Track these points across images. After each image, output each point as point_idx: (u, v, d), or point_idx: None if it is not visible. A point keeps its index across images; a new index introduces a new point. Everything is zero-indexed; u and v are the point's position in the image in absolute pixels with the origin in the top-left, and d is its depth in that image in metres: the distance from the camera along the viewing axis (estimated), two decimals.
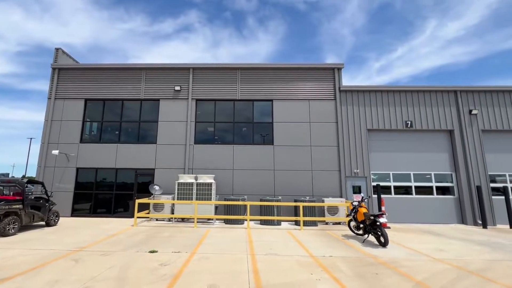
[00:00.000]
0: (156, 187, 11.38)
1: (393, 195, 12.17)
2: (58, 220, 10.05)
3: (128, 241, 7.54)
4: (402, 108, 12.67)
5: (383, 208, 10.85)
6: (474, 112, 12.40)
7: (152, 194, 11.36)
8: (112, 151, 12.61)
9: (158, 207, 11.07)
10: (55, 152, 11.97)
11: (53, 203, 9.92)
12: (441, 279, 4.98)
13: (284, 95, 12.99)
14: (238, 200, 10.81)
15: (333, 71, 13.10)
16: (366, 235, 8.18)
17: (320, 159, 12.26)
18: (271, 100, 13.00)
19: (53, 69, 13.44)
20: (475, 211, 11.62)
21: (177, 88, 12.99)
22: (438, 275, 5.20)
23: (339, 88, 12.83)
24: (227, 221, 10.82)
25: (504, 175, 12.32)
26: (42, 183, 9.87)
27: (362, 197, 9.08)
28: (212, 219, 11.03)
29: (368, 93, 12.83)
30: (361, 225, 8.33)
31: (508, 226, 11.05)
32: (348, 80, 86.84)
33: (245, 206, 10.81)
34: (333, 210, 10.95)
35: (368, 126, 12.53)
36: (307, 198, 11.18)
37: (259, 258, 6.14)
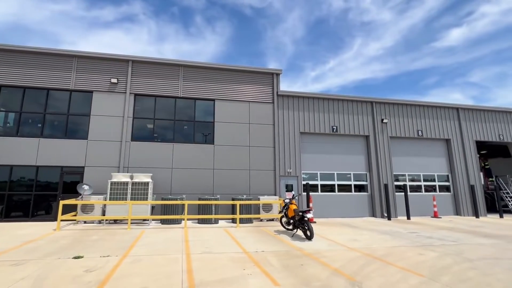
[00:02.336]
0: (85, 187, 10.57)
1: (320, 193, 13.60)
2: None
3: (48, 248, 6.82)
4: (330, 114, 14.21)
5: (311, 205, 12.07)
6: (385, 121, 14.67)
7: (81, 195, 10.56)
8: (32, 146, 11.23)
9: (87, 208, 10.36)
10: None
11: None
12: (353, 265, 5.75)
13: (226, 96, 13.29)
14: (176, 199, 10.73)
15: (272, 76, 13.90)
16: (295, 230, 8.77)
17: (257, 159, 12.94)
18: (213, 100, 13.17)
19: None
20: (383, 205, 13.77)
21: (114, 80, 12.18)
22: (351, 262, 5.98)
23: (277, 92, 13.71)
24: (163, 221, 10.69)
25: (404, 175, 14.94)
26: None
27: (293, 195, 9.95)
28: (148, 220, 10.78)
29: (302, 99, 14.03)
30: (291, 221, 8.82)
31: (406, 218, 13.41)
32: (287, 86, 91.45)
33: (183, 205, 10.79)
34: (268, 208, 11.66)
35: (301, 129, 13.70)
36: (244, 196, 11.69)
37: (194, 257, 6.18)
